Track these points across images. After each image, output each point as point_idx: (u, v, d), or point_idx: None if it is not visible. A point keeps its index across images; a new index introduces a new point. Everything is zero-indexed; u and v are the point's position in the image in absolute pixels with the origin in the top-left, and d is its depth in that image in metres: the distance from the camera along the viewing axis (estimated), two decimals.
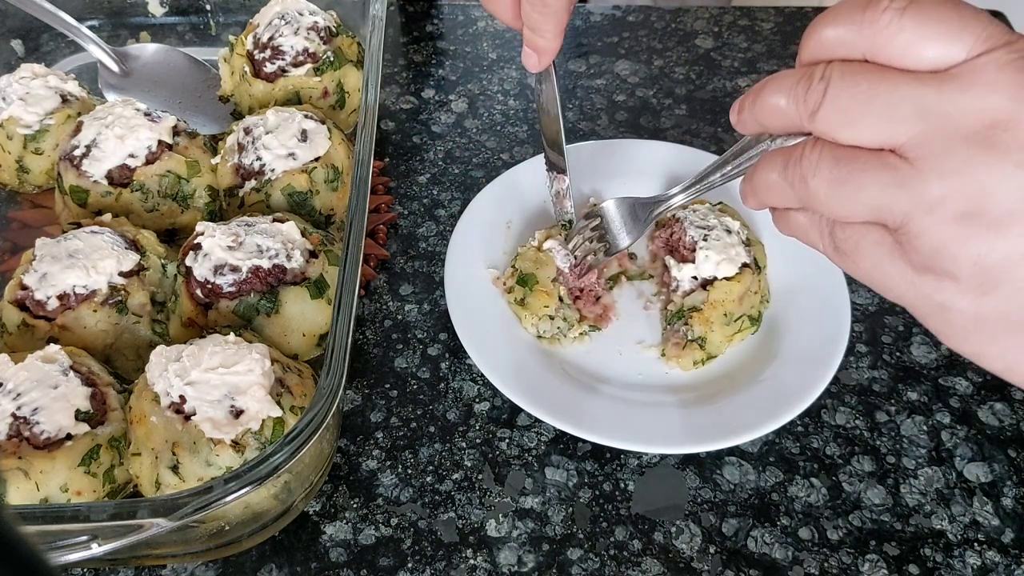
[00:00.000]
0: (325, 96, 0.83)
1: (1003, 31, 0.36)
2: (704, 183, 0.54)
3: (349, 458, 0.66)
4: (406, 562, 0.60)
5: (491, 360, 0.67)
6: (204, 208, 0.75)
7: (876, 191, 0.37)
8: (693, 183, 0.57)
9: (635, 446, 0.63)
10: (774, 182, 0.42)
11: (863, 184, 0.37)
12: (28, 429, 0.56)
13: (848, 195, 0.38)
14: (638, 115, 0.92)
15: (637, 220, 0.66)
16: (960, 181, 0.35)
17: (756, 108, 0.42)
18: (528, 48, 0.61)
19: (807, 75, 0.39)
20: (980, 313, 0.37)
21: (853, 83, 0.37)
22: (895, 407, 0.68)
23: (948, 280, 0.37)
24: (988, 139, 0.35)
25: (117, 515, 0.48)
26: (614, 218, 0.67)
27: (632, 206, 0.66)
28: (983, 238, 0.35)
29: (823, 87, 0.38)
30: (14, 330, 0.65)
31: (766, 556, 0.60)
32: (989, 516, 0.62)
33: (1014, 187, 0.34)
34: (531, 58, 0.61)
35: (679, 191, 0.60)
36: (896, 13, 0.36)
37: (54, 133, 0.78)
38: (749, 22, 1.04)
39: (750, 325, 0.71)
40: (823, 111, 0.38)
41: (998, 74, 0.35)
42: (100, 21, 0.93)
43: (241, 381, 0.56)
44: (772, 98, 0.41)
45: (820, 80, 0.38)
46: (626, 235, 0.67)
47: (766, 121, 0.42)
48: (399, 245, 0.80)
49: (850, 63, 0.38)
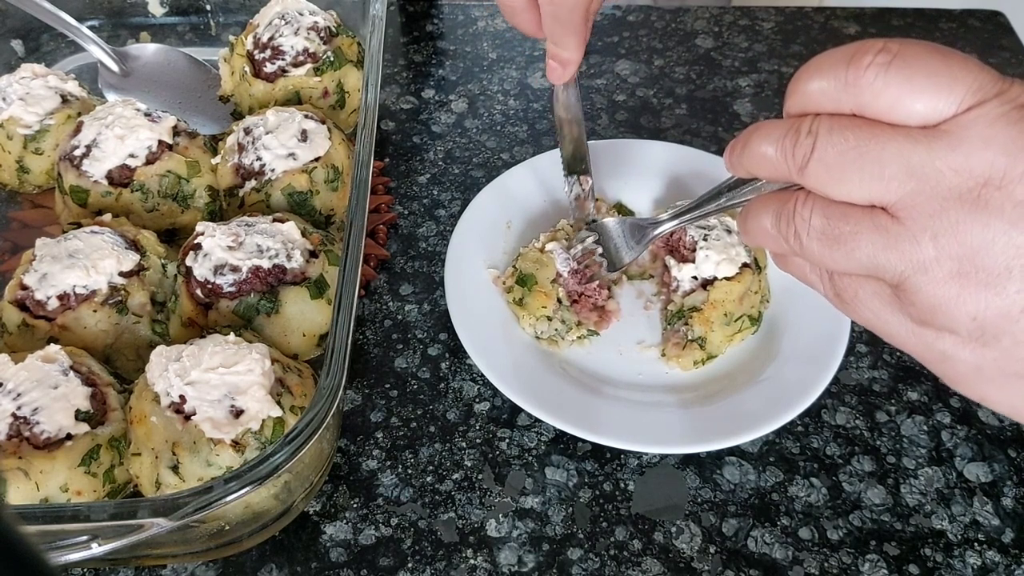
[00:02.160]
0: (325, 96, 0.83)
1: (993, 79, 0.35)
2: (699, 211, 0.55)
3: (349, 458, 0.66)
4: (406, 562, 0.60)
5: (491, 360, 0.67)
6: (204, 208, 0.75)
7: (869, 252, 0.37)
8: (688, 209, 0.57)
9: (635, 446, 0.63)
10: (768, 231, 0.41)
11: (856, 246, 0.37)
12: (28, 429, 0.56)
13: (842, 255, 0.38)
14: (638, 115, 0.92)
15: (634, 240, 0.67)
16: (953, 241, 0.35)
17: (745, 156, 0.41)
18: (552, 62, 0.62)
19: (794, 128, 0.38)
20: (981, 364, 0.37)
21: (841, 139, 0.36)
22: (895, 407, 0.68)
23: (947, 333, 0.37)
24: (981, 198, 0.34)
25: (117, 515, 0.48)
26: (614, 235, 0.68)
27: (631, 226, 0.67)
28: (979, 296, 0.35)
29: (811, 142, 0.37)
30: (14, 330, 0.65)
31: (766, 556, 0.60)
32: (989, 516, 0.62)
33: (1008, 245, 0.34)
34: (556, 71, 0.62)
35: (670, 217, 0.61)
36: (881, 68, 0.35)
37: (54, 133, 0.78)
38: (749, 22, 1.04)
39: (750, 325, 0.71)
40: (812, 167, 0.37)
41: (989, 129, 0.34)
42: (100, 21, 0.93)
43: (241, 381, 0.56)
44: (760, 147, 0.40)
45: (807, 135, 0.37)
46: (626, 252, 0.67)
47: (755, 170, 0.41)
48: (399, 245, 0.80)
49: (838, 118, 0.37)
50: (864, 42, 0.37)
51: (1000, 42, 1.00)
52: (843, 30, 1.02)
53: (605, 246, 0.68)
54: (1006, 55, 0.99)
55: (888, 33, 1.02)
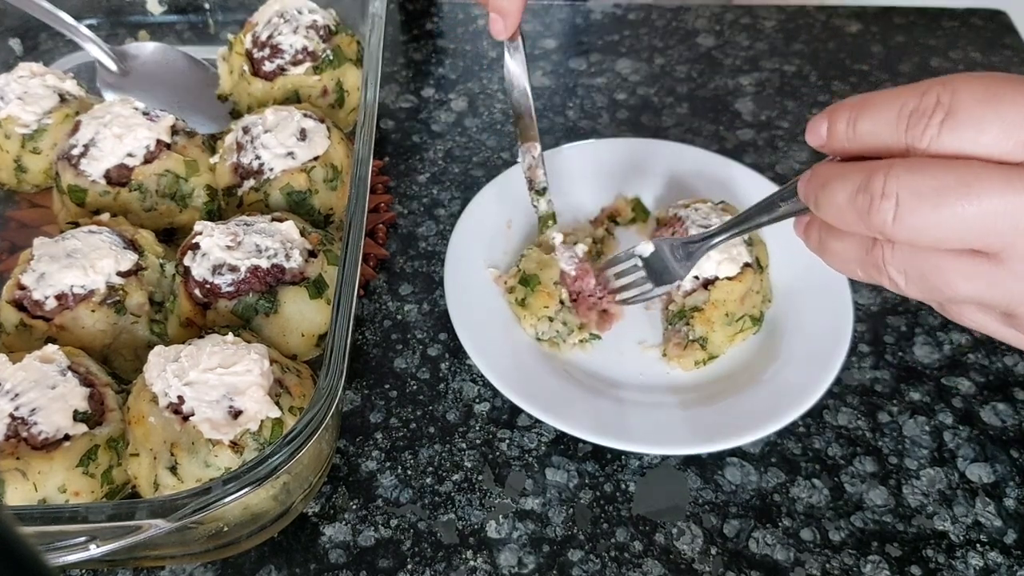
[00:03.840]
0: (324, 95, 0.82)
1: None
2: (750, 223, 0.52)
3: (348, 459, 0.65)
4: (406, 563, 0.60)
5: (491, 360, 0.66)
6: (202, 207, 0.75)
7: (971, 293, 0.37)
8: (738, 222, 0.54)
9: (636, 447, 0.62)
10: (858, 275, 0.41)
11: (957, 290, 0.37)
12: (26, 429, 0.56)
13: (943, 296, 0.38)
14: (639, 113, 0.92)
15: (685, 256, 0.63)
16: None
17: (820, 205, 0.40)
18: (493, 12, 0.61)
19: (865, 187, 0.37)
20: None
21: (925, 201, 0.35)
22: (897, 407, 0.68)
23: None
24: None
25: (115, 516, 0.47)
26: (666, 253, 0.63)
27: (681, 245, 0.63)
28: None
29: (891, 208, 0.36)
30: (12, 330, 0.64)
31: (768, 557, 0.60)
32: (992, 517, 0.62)
33: None
34: (497, 23, 0.62)
35: (720, 230, 0.57)
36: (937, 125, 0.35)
37: (52, 132, 0.78)
38: (751, 20, 1.03)
39: (752, 325, 0.70)
40: (897, 231, 0.36)
41: None
42: (98, 20, 0.93)
43: (240, 381, 0.56)
44: (837, 196, 0.38)
45: (883, 198, 0.36)
46: (680, 267, 0.63)
47: (833, 221, 0.40)
48: (399, 245, 0.80)
49: (913, 171, 0.36)
50: (913, 93, 0.36)
51: (1002, 41, 1.00)
52: (845, 28, 1.02)
53: (656, 262, 0.64)
54: (1008, 54, 0.98)
55: (890, 32, 1.01)
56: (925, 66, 0.97)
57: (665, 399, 0.67)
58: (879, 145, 0.38)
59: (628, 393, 0.68)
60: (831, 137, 0.40)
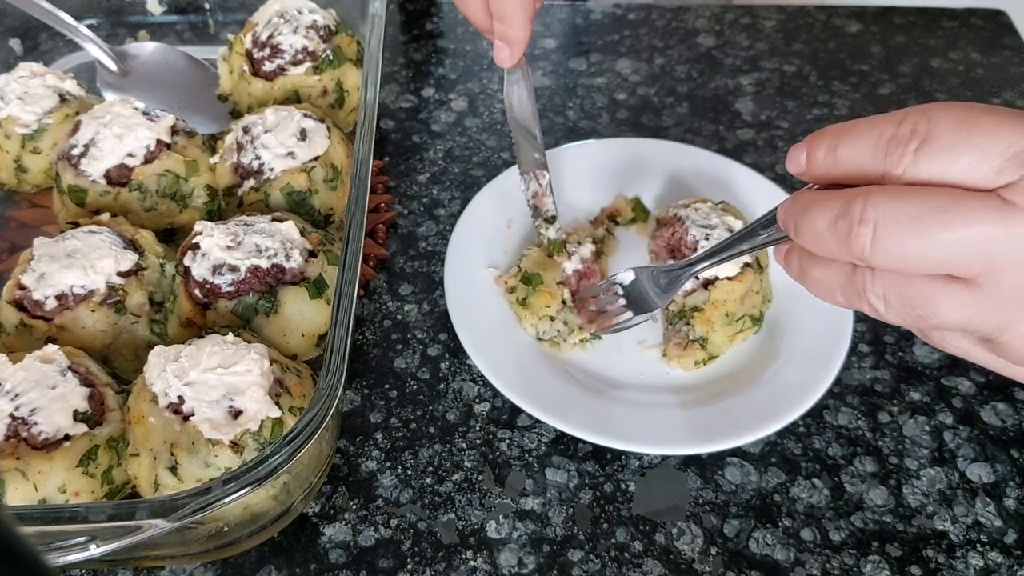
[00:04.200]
0: (324, 95, 0.82)
1: None
2: (732, 250, 0.51)
3: (348, 459, 0.65)
4: (406, 563, 0.60)
5: (491, 360, 0.66)
6: (202, 207, 0.75)
7: (952, 319, 0.37)
8: (720, 249, 0.53)
9: (636, 447, 0.62)
10: (840, 302, 0.41)
11: (939, 317, 0.37)
12: (26, 430, 0.56)
13: (924, 323, 0.38)
14: (639, 113, 0.92)
15: (667, 283, 0.61)
16: None
17: (800, 232, 0.40)
18: (499, 41, 0.60)
19: (844, 213, 0.37)
20: None
21: (904, 230, 0.36)
22: (897, 407, 0.68)
23: None
24: None
25: (116, 516, 0.47)
26: (645, 283, 0.62)
27: (664, 272, 0.61)
28: None
29: (868, 233, 0.37)
30: (12, 330, 0.64)
31: (768, 557, 0.60)
32: (992, 517, 0.62)
33: None
34: (503, 51, 0.61)
35: (701, 258, 0.56)
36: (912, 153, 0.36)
37: (52, 132, 0.78)
38: (751, 20, 1.03)
39: (752, 325, 0.70)
40: (875, 257, 0.37)
41: None
42: (98, 20, 0.93)
43: (240, 381, 0.56)
44: (817, 223, 0.39)
45: (861, 223, 0.37)
46: (658, 298, 0.62)
47: (813, 248, 0.40)
48: (399, 245, 0.80)
49: (891, 200, 0.36)
50: (891, 122, 0.37)
51: (1002, 41, 1.00)
52: (845, 28, 1.02)
53: (635, 291, 0.63)
54: (1008, 54, 0.98)
55: (890, 32, 1.01)
56: (925, 66, 0.97)
57: (665, 399, 0.67)
58: (858, 173, 0.39)
59: (628, 393, 0.68)
60: (810, 164, 0.40)
